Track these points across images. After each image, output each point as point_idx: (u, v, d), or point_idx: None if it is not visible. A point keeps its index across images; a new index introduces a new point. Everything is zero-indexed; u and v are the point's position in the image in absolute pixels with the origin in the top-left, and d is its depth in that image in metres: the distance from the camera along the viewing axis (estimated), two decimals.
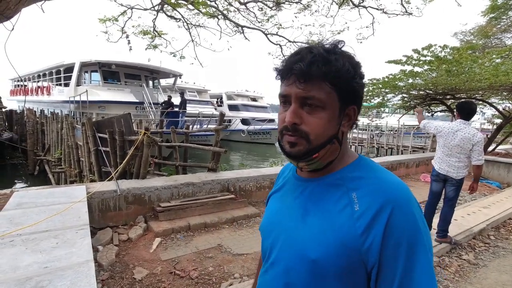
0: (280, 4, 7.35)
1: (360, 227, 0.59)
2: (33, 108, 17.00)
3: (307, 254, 0.63)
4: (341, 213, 0.63)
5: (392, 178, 0.65)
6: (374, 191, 0.62)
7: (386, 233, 0.57)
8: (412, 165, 7.59)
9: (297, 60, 0.63)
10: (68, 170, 8.57)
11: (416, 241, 0.57)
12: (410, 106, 9.99)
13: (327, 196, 0.67)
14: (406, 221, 0.58)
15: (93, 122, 5.47)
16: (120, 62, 14.41)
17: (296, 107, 0.64)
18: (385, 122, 18.76)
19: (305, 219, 0.68)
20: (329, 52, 0.63)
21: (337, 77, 0.62)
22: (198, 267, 2.86)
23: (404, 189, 0.62)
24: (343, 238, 0.60)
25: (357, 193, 0.63)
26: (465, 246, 3.58)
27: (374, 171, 0.67)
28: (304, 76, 0.62)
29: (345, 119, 0.67)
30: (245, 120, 24.29)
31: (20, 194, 3.08)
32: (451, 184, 3.35)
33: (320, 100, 0.62)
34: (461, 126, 3.23)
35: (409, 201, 0.61)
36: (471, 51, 8.20)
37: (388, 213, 0.58)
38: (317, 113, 0.63)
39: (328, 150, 0.66)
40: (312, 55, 0.62)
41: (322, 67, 0.61)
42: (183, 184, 4.08)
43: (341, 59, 0.62)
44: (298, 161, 0.68)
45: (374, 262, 0.58)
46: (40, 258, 1.78)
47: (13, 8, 2.81)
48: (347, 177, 0.67)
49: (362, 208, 0.61)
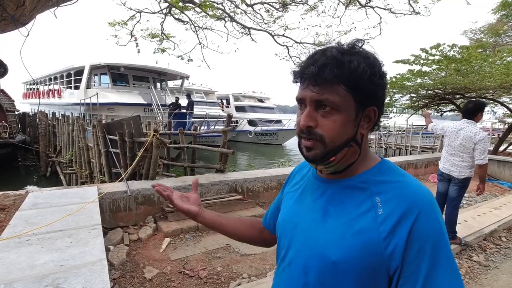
0: (286, 6, 7.37)
1: (384, 231, 0.59)
2: (45, 111, 17.40)
3: (328, 255, 0.63)
4: (364, 216, 0.62)
5: (416, 183, 0.64)
6: (399, 196, 0.61)
7: (410, 238, 0.57)
8: (421, 165, 7.51)
9: (311, 63, 0.62)
10: (79, 171, 8.74)
11: (440, 247, 0.57)
12: (419, 106, 9.89)
13: (349, 199, 0.66)
14: (431, 227, 0.58)
15: (104, 124, 5.58)
16: (129, 65, 14.64)
17: (311, 110, 0.64)
18: (393, 122, 18.58)
19: (325, 221, 0.67)
20: (343, 53, 0.62)
21: (351, 79, 0.60)
22: (207, 267, 2.90)
23: (429, 194, 0.62)
24: (365, 241, 0.60)
25: (381, 197, 0.63)
26: (475, 247, 3.54)
27: (399, 175, 0.66)
28: (317, 79, 0.61)
29: (365, 121, 0.66)
30: (252, 121, 24.34)
31: (35, 194, 3.17)
32: (454, 184, 3.34)
33: (334, 103, 0.61)
34: (464, 125, 3.23)
35: (434, 206, 0.61)
36: (481, 49, 8.09)
37: (413, 218, 0.58)
38: (331, 116, 0.62)
39: (347, 153, 0.65)
40: (325, 57, 0.61)
41: (334, 70, 0.60)
42: (191, 185, 4.12)
43: (356, 60, 0.61)
44: (317, 164, 0.68)
45: (397, 266, 0.58)
46: (56, 256, 1.85)
47: (28, 15, 2.91)
48: (371, 180, 0.66)
49: (386, 212, 0.60)
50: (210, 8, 6.60)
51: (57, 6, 3.56)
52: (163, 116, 13.33)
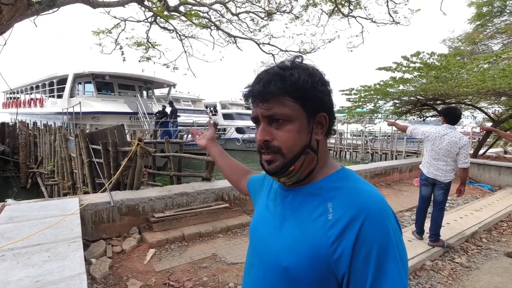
0: (271, 15, 7.49)
1: (332, 236, 0.59)
2: (26, 120, 16.87)
3: (280, 261, 0.65)
4: (315, 222, 0.63)
5: (369, 188, 0.65)
6: (349, 201, 0.62)
7: (356, 243, 0.57)
8: (406, 170, 7.67)
9: (256, 82, 0.67)
10: (61, 182, 8.47)
11: (387, 253, 0.57)
12: (402, 111, 10.14)
13: (304, 205, 0.68)
14: (377, 232, 0.58)
15: (87, 134, 5.47)
16: (114, 73, 14.43)
17: (265, 125, 0.67)
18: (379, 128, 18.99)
19: (282, 226, 0.69)
20: (284, 68, 0.66)
21: (294, 90, 0.64)
22: (193, 278, 2.84)
23: (379, 199, 0.62)
24: (315, 246, 0.61)
25: (333, 202, 0.63)
26: (457, 249, 3.62)
27: (352, 181, 0.67)
28: (263, 95, 0.65)
29: (318, 127, 0.68)
30: (240, 129, 24.35)
31: (12, 208, 3.05)
32: (439, 188, 3.42)
33: (284, 114, 0.64)
34: (447, 131, 3.32)
35: (383, 212, 0.60)
36: (459, 57, 8.41)
37: (359, 223, 0.58)
38: (284, 127, 0.65)
39: (304, 161, 0.67)
40: (268, 75, 0.65)
41: (277, 83, 0.64)
42: (177, 194, 4.07)
43: (296, 72, 0.64)
44: (279, 177, 0.70)
45: (344, 272, 0.58)
46: (32, 272, 1.77)
47: (6, 24, 2.85)
48: (326, 187, 0.67)
49: (335, 217, 0.61)
50: (196, 17, 6.63)
51: (37, 15, 3.51)
52: (150, 124, 13.17)
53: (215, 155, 1.19)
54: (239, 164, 1.17)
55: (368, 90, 9.35)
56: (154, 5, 5.89)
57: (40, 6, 3.29)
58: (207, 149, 1.21)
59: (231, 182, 1.15)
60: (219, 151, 1.19)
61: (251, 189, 1.00)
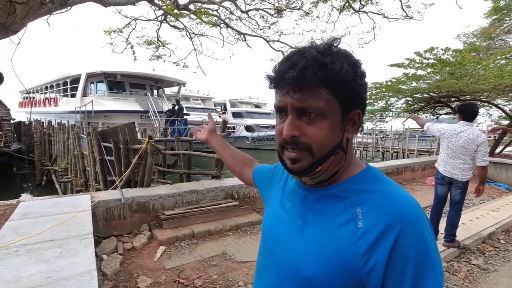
0: (281, 12, 7.43)
1: (363, 247, 0.54)
2: (41, 119, 17.30)
3: (302, 269, 0.59)
4: (342, 228, 0.57)
5: (403, 193, 0.58)
6: (382, 207, 0.56)
7: (392, 256, 0.52)
8: (418, 168, 7.50)
9: (289, 66, 0.57)
10: (74, 179, 8.64)
11: (425, 266, 0.52)
12: (414, 109, 9.93)
13: (329, 208, 0.62)
14: (416, 244, 0.52)
15: (98, 132, 5.54)
16: (125, 72, 14.63)
17: (294, 118, 0.59)
18: (390, 126, 18.66)
19: (303, 230, 0.63)
20: (323, 54, 0.56)
21: (335, 81, 0.56)
22: (202, 275, 2.84)
23: (415, 206, 0.56)
24: (342, 256, 0.55)
25: (362, 208, 0.57)
26: (474, 250, 3.50)
27: (383, 184, 0.61)
28: (298, 84, 0.56)
29: (349, 125, 0.62)
30: (249, 127, 24.35)
31: (26, 204, 3.11)
32: (456, 187, 3.31)
33: (318, 108, 0.57)
34: (464, 128, 3.21)
35: (420, 220, 0.55)
36: (474, 53, 8.17)
37: (396, 233, 0.52)
38: (317, 123, 0.58)
39: (333, 161, 0.61)
40: (305, 60, 0.55)
41: (317, 72, 0.55)
42: (187, 192, 4.08)
43: (338, 60, 0.56)
44: (301, 176, 0.63)
45: (376, 284, 0.53)
46: (44, 268, 1.79)
47: (20, 23, 2.89)
48: (352, 189, 0.61)
49: (367, 225, 0.55)
50: (205, 15, 6.63)
51: (50, 14, 3.56)
52: (160, 123, 13.30)
53: (217, 146, 1.15)
54: (242, 153, 1.12)
55: (379, 87, 9.19)
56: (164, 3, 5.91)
57: (52, 5, 3.33)
58: (208, 142, 1.18)
59: (234, 173, 1.11)
60: (221, 141, 1.16)
61: (258, 181, 0.95)
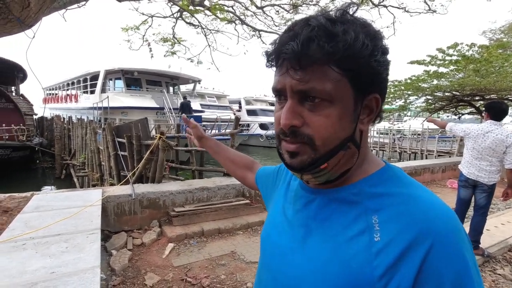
0: (297, 7, 7.27)
1: (380, 267, 0.42)
2: (62, 115, 17.88)
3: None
4: (353, 242, 0.46)
5: (431, 197, 0.46)
6: (405, 215, 0.44)
7: (419, 277, 0.40)
8: (438, 170, 7.17)
9: (290, 37, 0.44)
10: (91, 174, 8.84)
11: None
12: (435, 108, 9.54)
13: (336, 215, 0.50)
14: (452, 264, 0.40)
15: (113, 127, 5.60)
16: (142, 69, 14.88)
17: (294, 103, 0.47)
18: (408, 126, 18.09)
19: (305, 241, 0.52)
20: (334, 22, 0.44)
21: (347, 56, 0.43)
22: (210, 275, 2.78)
23: (449, 214, 0.44)
24: (353, 276, 0.44)
25: (379, 216, 0.46)
26: (499, 259, 3.28)
27: (405, 186, 0.48)
28: (300, 60, 0.44)
29: (364, 113, 0.49)
30: (264, 125, 24.27)
31: (39, 197, 3.15)
32: (482, 191, 3.09)
33: (324, 92, 0.45)
34: (492, 127, 2.98)
35: (457, 233, 0.42)
36: (501, 49, 7.72)
37: (424, 250, 0.41)
38: (322, 110, 0.46)
39: (342, 158, 0.49)
40: (309, 28, 0.43)
41: (324, 45, 0.43)
42: (197, 189, 4.04)
43: (352, 30, 0.44)
44: (302, 174, 0.51)
45: None
46: (49, 263, 1.77)
47: (34, 17, 2.91)
48: (368, 192, 0.49)
49: (386, 238, 0.44)
50: (220, 11, 6.58)
51: (65, 9, 3.59)
52: (175, 119, 13.44)
53: (211, 151, 1.02)
54: (241, 155, 1.00)
55: (398, 85, 8.87)
56: None
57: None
58: (201, 145, 1.05)
59: (237, 178, 0.99)
60: (215, 146, 1.02)
61: (261, 184, 0.84)
